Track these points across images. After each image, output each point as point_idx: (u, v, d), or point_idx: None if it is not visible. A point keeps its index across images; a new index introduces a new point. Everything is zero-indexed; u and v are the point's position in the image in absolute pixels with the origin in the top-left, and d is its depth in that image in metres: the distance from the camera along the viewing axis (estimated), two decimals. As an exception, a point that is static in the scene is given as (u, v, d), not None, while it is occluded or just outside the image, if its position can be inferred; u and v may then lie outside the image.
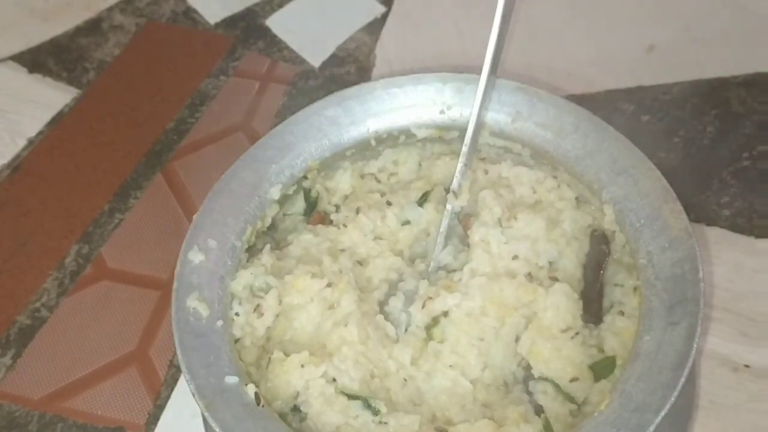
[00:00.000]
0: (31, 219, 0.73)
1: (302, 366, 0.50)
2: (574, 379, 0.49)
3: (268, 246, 0.55)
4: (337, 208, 0.59)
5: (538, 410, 0.49)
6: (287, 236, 0.58)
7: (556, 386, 0.50)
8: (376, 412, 0.48)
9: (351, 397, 0.49)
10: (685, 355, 0.44)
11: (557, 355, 0.49)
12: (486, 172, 0.58)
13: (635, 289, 0.51)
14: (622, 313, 0.51)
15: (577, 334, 0.50)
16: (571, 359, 0.49)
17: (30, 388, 0.62)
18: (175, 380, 0.62)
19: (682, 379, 0.43)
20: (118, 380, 0.62)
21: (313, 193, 0.59)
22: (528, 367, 0.51)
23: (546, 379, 0.50)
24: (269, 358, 0.50)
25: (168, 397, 0.61)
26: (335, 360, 0.50)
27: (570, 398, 0.49)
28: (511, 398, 0.50)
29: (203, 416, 0.48)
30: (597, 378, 0.49)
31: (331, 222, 0.58)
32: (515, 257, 0.53)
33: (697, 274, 0.47)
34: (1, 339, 0.65)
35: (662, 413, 0.43)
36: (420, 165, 0.61)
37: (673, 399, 0.43)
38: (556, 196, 0.56)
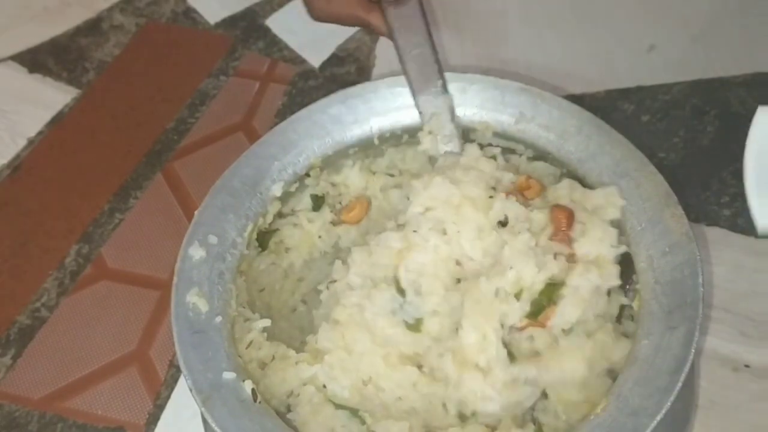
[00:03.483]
0: (31, 219, 0.73)
1: (296, 363, 0.50)
2: None
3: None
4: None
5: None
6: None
7: None
8: (363, 422, 0.48)
9: (338, 406, 0.49)
10: (683, 359, 0.44)
11: None
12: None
13: (636, 292, 0.51)
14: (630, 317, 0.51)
15: None
16: None
17: (30, 388, 0.62)
18: (175, 380, 0.62)
19: (679, 384, 0.44)
20: (118, 380, 0.62)
21: (318, 191, 0.59)
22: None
23: None
24: (273, 354, 0.51)
25: (168, 397, 0.61)
26: (326, 366, 0.50)
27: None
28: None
29: (202, 415, 0.48)
30: None
31: None
32: None
33: (696, 279, 0.47)
34: (1, 339, 0.65)
35: (658, 418, 0.43)
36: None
37: (669, 404, 0.43)
38: None
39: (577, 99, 0.63)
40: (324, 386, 0.50)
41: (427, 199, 0.52)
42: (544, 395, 0.49)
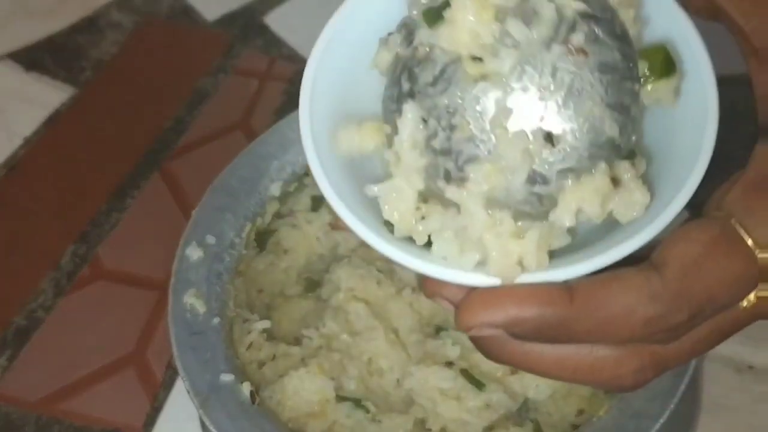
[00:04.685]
0: (28, 219, 0.72)
1: (302, 359, 0.50)
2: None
3: None
4: None
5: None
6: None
7: None
8: (367, 411, 0.49)
9: (341, 398, 0.49)
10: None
11: None
12: None
13: None
14: None
15: None
16: None
17: (27, 390, 0.62)
18: (173, 382, 0.62)
19: (683, 387, 0.44)
20: (115, 382, 0.62)
21: (317, 191, 0.59)
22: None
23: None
24: (273, 354, 0.51)
25: (165, 399, 0.61)
26: (334, 358, 0.50)
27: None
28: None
29: (200, 418, 0.48)
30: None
31: None
32: None
33: None
34: (-2, 340, 0.65)
35: (661, 420, 0.43)
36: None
37: (672, 406, 0.43)
38: None
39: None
40: (332, 378, 0.50)
41: None
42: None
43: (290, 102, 0.79)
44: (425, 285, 0.33)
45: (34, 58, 0.84)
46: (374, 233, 0.32)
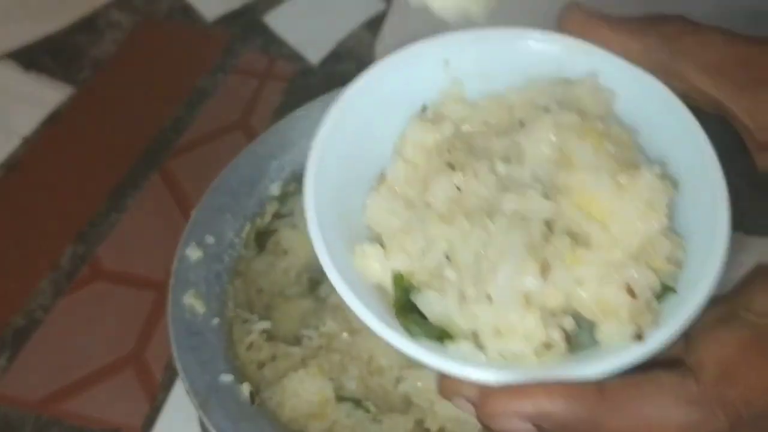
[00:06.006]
0: (26, 219, 0.72)
1: (302, 359, 0.50)
2: None
3: None
4: None
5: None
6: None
7: None
8: (367, 410, 0.49)
9: (341, 398, 0.49)
10: None
11: None
12: None
13: None
14: None
15: None
16: None
17: (25, 391, 0.62)
18: (172, 382, 0.61)
19: None
20: (114, 382, 0.62)
21: None
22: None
23: None
24: (273, 354, 0.51)
25: (164, 399, 0.61)
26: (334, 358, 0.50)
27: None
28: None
29: (199, 418, 0.48)
30: None
31: None
32: None
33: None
34: (-4, 340, 0.65)
35: None
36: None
37: None
38: None
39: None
40: (332, 379, 0.49)
41: None
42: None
43: (290, 102, 0.78)
44: (443, 386, 0.31)
45: (34, 57, 0.84)
46: (396, 332, 0.30)
